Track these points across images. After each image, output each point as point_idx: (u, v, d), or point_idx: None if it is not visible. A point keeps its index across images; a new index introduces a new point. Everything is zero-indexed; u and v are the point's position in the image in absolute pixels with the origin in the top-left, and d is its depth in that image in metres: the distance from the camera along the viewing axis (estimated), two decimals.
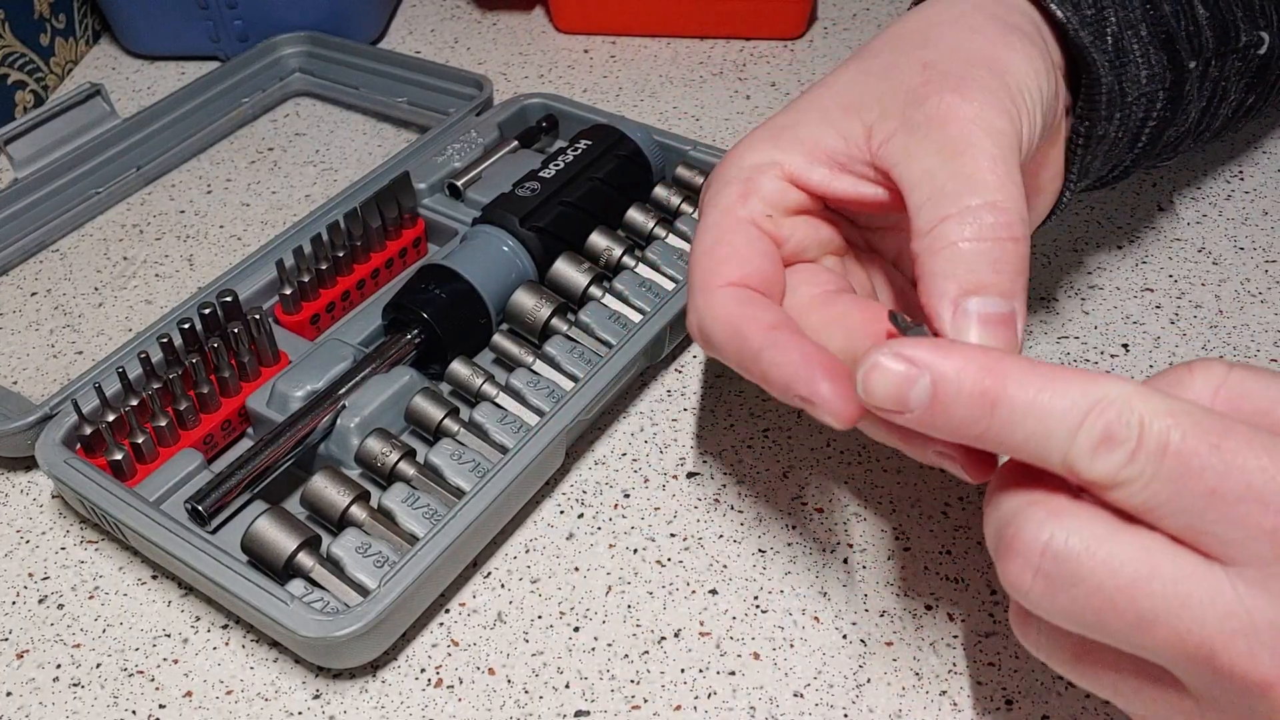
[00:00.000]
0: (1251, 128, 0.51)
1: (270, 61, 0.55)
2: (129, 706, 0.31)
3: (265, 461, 0.33)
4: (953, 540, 0.34)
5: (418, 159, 0.46)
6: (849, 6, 0.63)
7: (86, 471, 0.33)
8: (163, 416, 0.35)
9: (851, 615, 0.32)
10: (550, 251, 0.40)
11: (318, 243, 0.40)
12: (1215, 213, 0.46)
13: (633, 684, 0.31)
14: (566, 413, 0.34)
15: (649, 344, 0.37)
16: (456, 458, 0.34)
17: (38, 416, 0.35)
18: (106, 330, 0.43)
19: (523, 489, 0.34)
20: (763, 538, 0.34)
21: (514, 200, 0.41)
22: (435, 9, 0.64)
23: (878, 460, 0.36)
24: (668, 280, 0.40)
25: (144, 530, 0.31)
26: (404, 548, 0.31)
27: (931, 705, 0.30)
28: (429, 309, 0.37)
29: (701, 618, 0.32)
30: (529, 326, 0.38)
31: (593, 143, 0.44)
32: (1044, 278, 0.43)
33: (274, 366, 0.38)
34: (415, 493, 0.33)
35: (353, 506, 0.32)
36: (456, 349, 0.38)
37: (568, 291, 0.39)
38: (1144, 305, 0.42)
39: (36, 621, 0.33)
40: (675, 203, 0.44)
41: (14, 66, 0.54)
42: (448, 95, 0.51)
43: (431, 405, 0.35)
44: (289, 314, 0.40)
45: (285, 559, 0.31)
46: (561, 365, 0.37)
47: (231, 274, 0.40)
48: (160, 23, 0.57)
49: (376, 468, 0.34)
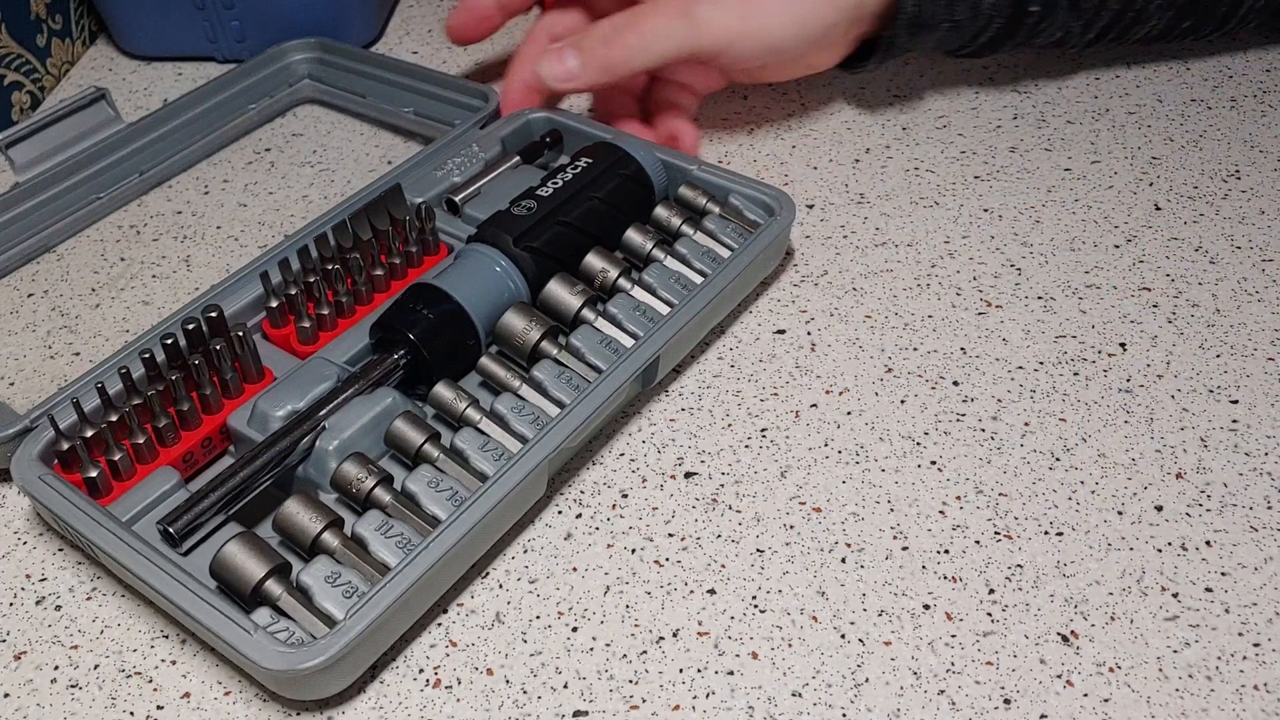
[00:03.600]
0: (1248, 127, 0.51)
1: (279, 68, 0.54)
2: (127, 708, 0.31)
3: (241, 483, 0.33)
4: (950, 540, 0.34)
5: (416, 172, 0.45)
6: None
7: (59, 488, 0.32)
8: (141, 434, 0.34)
9: (849, 615, 0.32)
10: (545, 272, 0.39)
11: (305, 256, 0.39)
12: (1212, 212, 0.46)
13: (631, 684, 0.31)
14: (549, 440, 0.33)
15: (640, 370, 0.36)
16: (434, 485, 0.33)
17: (17, 429, 0.34)
18: (104, 332, 0.43)
19: (501, 519, 0.33)
20: (761, 538, 0.34)
21: (509, 219, 0.40)
22: (433, 10, 0.64)
23: (876, 460, 0.36)
24: (663, 305, 0.39)
25: (113, 551, 0.30)
26: (375, 577, 0.30)
27: (930, 705, 0.30)
28: (415, 330, 0.36)
29: (700, 618, 0.32)
30: (518, 349, 0.37)
31: (594, 160, 0.43)
32: (1041, 277, 0.43)
33: (258, 384, 0.37)
34: (390, 520, 0.32)
35: (325, 533, 0.31)
36: (443, 371, 0.37)
37: (559, 314, 0.38)
38: (1141, 304, 0.42)
39: (34, 623, 0.33)
40: (676, 224, 0.42)
41: (10, 67, 0.54)
42: (453, 106, 0.51)
43: (411, 429, 0.34)
44: (276, 328, 0.39)
45: (253, 586, 0.30)
46: (549, 390, 0.36)
47: (219, 288, 0.39)
48: (157, 23, 0.57)
49: (351, 493, 0.33)
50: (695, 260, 0.40)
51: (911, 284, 0.43)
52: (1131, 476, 0.36)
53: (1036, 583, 0.33)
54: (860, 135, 0.52)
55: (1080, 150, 0.50)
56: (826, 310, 0.42)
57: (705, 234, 0.42)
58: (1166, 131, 0.51)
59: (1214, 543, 0.34)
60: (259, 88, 0.54)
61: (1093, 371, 0.39)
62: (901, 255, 0.45)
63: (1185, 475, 0.36)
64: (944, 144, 0.51)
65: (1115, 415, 0.38)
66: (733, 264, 0.39)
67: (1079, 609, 0.32)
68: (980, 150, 0.50)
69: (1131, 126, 0.52)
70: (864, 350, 0.40)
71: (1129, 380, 0.39)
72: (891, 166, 0.50)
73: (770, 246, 0.41)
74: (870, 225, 0.46)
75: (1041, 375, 0.39)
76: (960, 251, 0.45)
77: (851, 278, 0.44)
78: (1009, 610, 0.32)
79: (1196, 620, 0.32)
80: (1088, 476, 0.36)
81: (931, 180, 0.49)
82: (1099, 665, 0.30)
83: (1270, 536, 0.34)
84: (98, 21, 0.62)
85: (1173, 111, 0.53)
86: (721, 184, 0.44)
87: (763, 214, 0.43)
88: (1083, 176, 0.49)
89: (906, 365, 0.40)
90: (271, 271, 0.39)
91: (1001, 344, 0.40)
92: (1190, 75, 0.55)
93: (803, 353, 0.40)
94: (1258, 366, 0.39)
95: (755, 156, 0.50)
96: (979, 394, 0.39)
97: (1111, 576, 0.33)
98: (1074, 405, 0.38)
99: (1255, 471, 0.36)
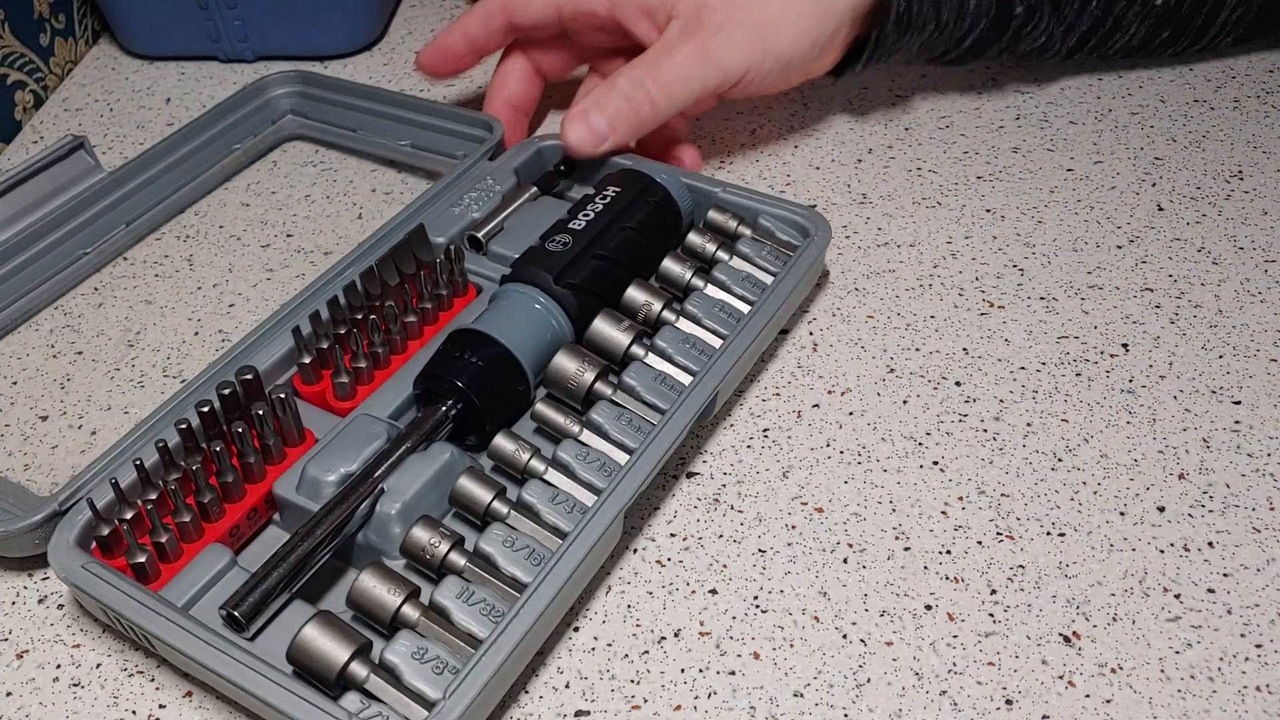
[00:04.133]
0: (1251, 128, 0.51)
1: (259, 105, 0.51)
2: (129, 707, 0.31)
3: (302, 556, 0.30)
4: (952, 540, 0.34)
5: (432, 209, 0.42)
6: None
7: (107, 578, 0.30)
8: (186, 511, 0.32)
9: (851, 615, 0.32)
10: (587, 309, 0.37)
11: (335, 306, 0.37)
12: (1215, 212, 0.46)
13: (633, 684, 0.31)
14: (625, 488, 0.31)
15: (702, 407, 0.34)
16: (510, 544, 0.31)
17: (47, 514, 0.31)
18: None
19: (586, 573, 0.31)
20: (763, 538, 0.34)
21: (546, 255, 0.38)
22: (435, 9, 0.64)
23: (877, 460, 0.36)
24: (711, 335, 0.38)
25: (177, 643, 0.28)
26: (464, 650, 0.29)
27: (931, 705, 0.30)
28: (464, 377, 0.34)
29: (701, 617, 0.32)
30: (572, 393, 0.35)
31: (621, 189, 0.41)
32: (1043, 277, 0.43)
33: (299, 446, 0.34)
34: (469, 586, 0.30)
35: (404, 606, 0.29)
36: (496, 419, 0.35)
37: (609, 352, 0.37)
38: (1144, 305, 0.42)
39: (36, 621, 0.33)
40: (711, 250, 0.41)
41: (14, 67, 0.54)
42: (454, 138, 0.48)
43: (478, 487, 0.32)
44: (308, 385, 0.36)
45: (338, 670, 0.28)
46: (610, 434, 0.34)
47: (244, 345, 0.36)
48: (160, 23, 0.57)
49: (425, 560, 0.31)
50: (736, 287, 0.39)
51: (914, 284, 0.43)
52: (1134, 477, 0.36)
53: (1038, 583, 0.32)
54: (862, 136, 0.52)
55: (1083, 150, 0.50)
56: (828, 310, 0.42)
57: (741, 258, 0.40)
58: (1169, 132, 0.51)
59: (1216, 544, 0.34)
60: (241, 126, 0.51)
61: (1095, 372, 0.39)
62: (904, 255, 0.45)
63: (1188, 476, 0.36)
64: (946, 144, 0.51)
65: (1117, 416, 0.38)
66: (778, 289, 0.38)
67: (1081, 610, 0.32)
68: (983, 150, 0.50)
69: (1134, 127, 0.52)
70: (866, 350, 0.40)
71: (1131, 381, 0.39)
72: (894, 167, 0.50)
73: (811, 268, 0.40)
74: (872, 225, 0.46)
75: (1044, 376, 0.39)
76: (963, 252, 0.45)
77: (854, 278, 0.44)
78: (1011, 611, 0.32)
79: (1198, 621, 0.31)
80: (1090, 477, 0.36)
81: (934, 181, 0.49)
82: (1101, 666, 0.30)
83: (1272, 537, 0.34)
84: (101, 21, 0.62)
85: (1175, 112, 0.52)
86: (749, 205, 0.42)
87: (796, 234, 0.42)
88: (1085, 177, 0.49)
89: (909, 365, 0.40)
90: (302, 324, 0.36)
91: (1004, 344, 0.40)
92: (1193, 76, 0.55)
93: (805, 353, 0.40)
94: (1260, 367, 0.39)
95: (758, 157, 0.50)
96: (981, 394, 0.39)
97: (1113, 577, 0.33)
98: (1076, 406, 0.38)
99: (1258, 472, 0.36)
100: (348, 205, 0.49)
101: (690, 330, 0.38)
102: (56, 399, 0.40)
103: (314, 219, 0.48)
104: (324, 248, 0.46)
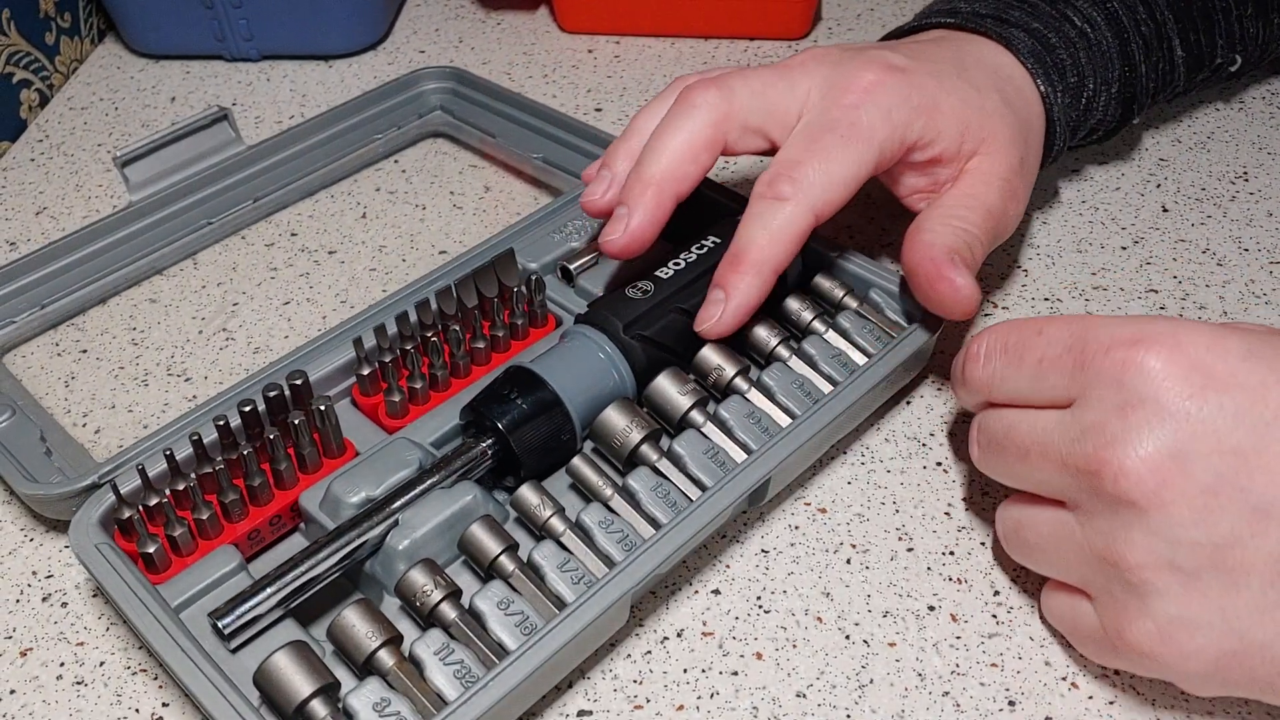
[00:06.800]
0: (1256, 129, 0.51)
1: (411, 96, 0.51)
2: (132, 705, 0.31)
3: (304, 576, 0.30)
4: (955, 541, 0.34)
5: (533, 232, 0.40)
6: (853, 7, 0.63)
7: (113, 562, 0.30)
8: (205, 508, 0.31)
9: (854, 616, 0.32)
10: (655, 363, 0.35)
11: (404, 321, 0.35)
12: (1220, 214, 0.46)
13: (635, 684, 0.31)
14: (637, 569, 0.29)
15: (748, 491, 0.31)
16: (504, 606, 0.29)
17: (85, 484, 0.32)
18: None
19: (575, 653, 0.29)
20: (765, 538, 0.34)
21: (622, 301, 0.35)
22: (439, 9, 0.64)
23: (880, 461, 0.36)
24: (781, 413, 0.34)
25: (155, 643, 0.28)
26: (428, 710, 0.27)
27: (934, 706, 0.30)
28: (504, 419, 0.33)
29: (704, 618, 0.32)
30: (615, 451, 0.33)
31: (721, 241, 0.37)
32: (1048, 279, 0.43)
33: (338, 458, 0.34)
34: (450, 644, 0.28)
35: (380, 651, 0.28)
36: (532, 468, 0.33)
37: (666, 413, 0.34)
38: (1149, 306, 0.42)
39: (40, 620, 0.33)
40: (807, 319, 0.37)
41: (19, 65, 0.54)
42: (583, 156, 0.46)
43: (488, 538, 0.31)
44: (365, 396, 0.36)
45: (296, 705, 0.27)
46: (642, 504, 0.32)
47: (307, 349, 0.36)
48: (165, 22, 0.58)
49: (415, 605, 0.30)
50: (823, 363, 0.36)
51: None
52: None
53: (1041, 584, 0.32)
54: None
55: (1087, 151, 0.50)
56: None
57: (839, 333, 0.36)
58: (1174, 133, 0.51)
59: None
60: (388, 116, 0.51)
61: None
62: None
63: None
64: None
65: None
66: (866, 375, 0.34)
67: None
68: None
69: (1139, 127, 0.51)
70: None
71: None
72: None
73: (912, 358, 0.35)
74: (876, 225, 0.46)
75: None
76: None
77: None
78: (1014, 612, 0.32)
79: None
80: None
81: None
82: (1103, 667, 0.30)
83: None
84: (106, 20, 0.62)
85: (1180, 113, 0.52)
86: (865, 276, 0.38)
87: (904, 316, 0.37)
88: (1090, 178, 0.49)
89: None
90: (365, 336, 0.36)
91: None
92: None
93: None
94: None
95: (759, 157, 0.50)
96: None
97: None
98: None
99: None
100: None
101: (760, 404, 0.34)
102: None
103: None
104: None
